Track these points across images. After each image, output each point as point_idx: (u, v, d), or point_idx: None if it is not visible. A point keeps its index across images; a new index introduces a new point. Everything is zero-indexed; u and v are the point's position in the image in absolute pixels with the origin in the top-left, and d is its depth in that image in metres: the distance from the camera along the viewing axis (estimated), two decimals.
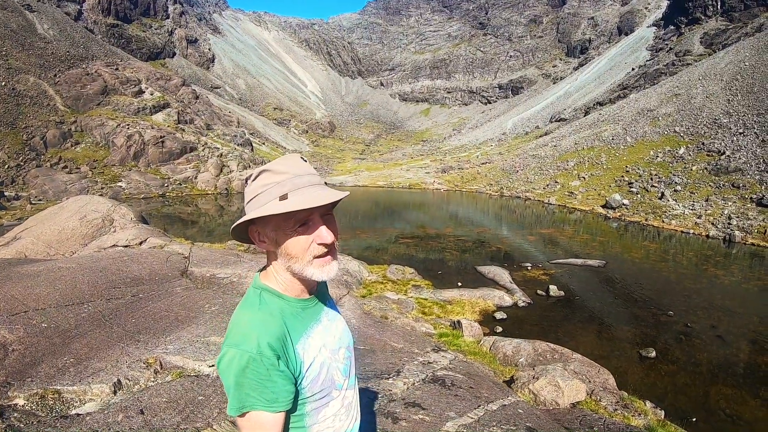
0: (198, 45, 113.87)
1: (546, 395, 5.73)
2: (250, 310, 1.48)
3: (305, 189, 1.48)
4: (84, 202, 15.44)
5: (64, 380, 4.85)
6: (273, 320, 1.45)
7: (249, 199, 1.51)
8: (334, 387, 1.61)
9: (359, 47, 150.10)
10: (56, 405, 4.41)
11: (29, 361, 5.29)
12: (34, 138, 46.34)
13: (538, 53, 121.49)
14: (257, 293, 1.52)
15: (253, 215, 1.46)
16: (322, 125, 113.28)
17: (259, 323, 1.43)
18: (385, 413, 4.30)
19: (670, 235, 28.18)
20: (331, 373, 1.59)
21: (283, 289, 1.54)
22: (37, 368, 5.13)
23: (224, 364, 1.39)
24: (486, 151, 75.55)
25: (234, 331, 1.42)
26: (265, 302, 1.50)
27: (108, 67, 64.30)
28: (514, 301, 15.05)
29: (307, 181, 1.51)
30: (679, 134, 42.48)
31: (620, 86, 76.22)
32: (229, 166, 54.94)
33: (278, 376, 1.39)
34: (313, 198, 1.46)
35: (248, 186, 1.52)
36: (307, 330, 1.55)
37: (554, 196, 42.48)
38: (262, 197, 1.47)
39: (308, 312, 1.59)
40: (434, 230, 30.38)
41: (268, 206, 1.44)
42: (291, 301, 1.54)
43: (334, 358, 1.62)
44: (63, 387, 4.68)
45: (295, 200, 1.44)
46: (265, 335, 1.40)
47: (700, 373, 10.43)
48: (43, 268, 8.36)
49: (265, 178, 1.50)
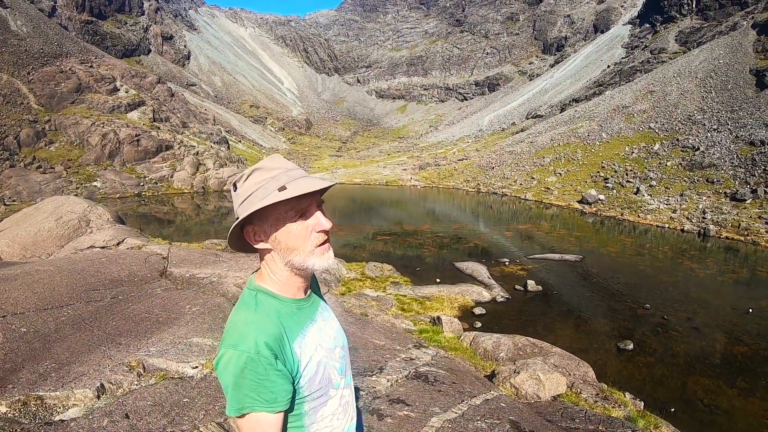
0: (173, 42, 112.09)
1: (527, 389, 5.86)
2: (246, 311, 1.49)
3: (300, 180, 1.51)
4: (60, 203, 15.17)
5: (47, 386, 4.79)
6: (269, 320, 1.47)
7: (243, 198, 1.51)
8: (332, 386, 1.62)
9: (336, 44, 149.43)
10: (39, 411, 4.36)
11: (9, 367, 5.21)
12: (7, 137, 45.15)
13: (514, 50, 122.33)
14: (253, 294, 1.53)
15: (257, 206, 1.46)
16: (299, 122, 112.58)
17: (256, 323, 1.44)
18: (370, 410, 4.36)
19: (646, 229, 28.73)
20: (327, 372, 1.60)
21: (278, 290, 1.56)
22: (18, 374, 5.06)
23: (222, 365, 1.40)
24: (463, 147, 75.86)
25: (231, 332, 1.43)
26: (261, 303, 1.51)
27: (82, 64, 62.95)
28: (492, 297, 15.23)
29: (298, 173, 1.54)
30: (654, 130, 43.30)
31: (596, 83, 77.16)
32: (206, 164, 54.35)
33: (277, 375, 1.41)
34: (311, 184, 1.49)
35: (240, 187, 1.53)
36: (303, 329, 1.56)
37: (531, 192, 42.90)
38: (259, 193, 1.48)
39: (303, 311, 1.60)
40: (412, 227, 30.48)
41: (270, 197, 1.45)
42: (286, 301, 1.55)
43: (330, 357, 1.63)
44: (45, 393, 4.63)
45: (295, 189, 1.46)
46: (263, 335, 1.41)
47: (678, 365, 10.70)
48: (20, 271, 8.21)
49: (257, 175, 1.52)
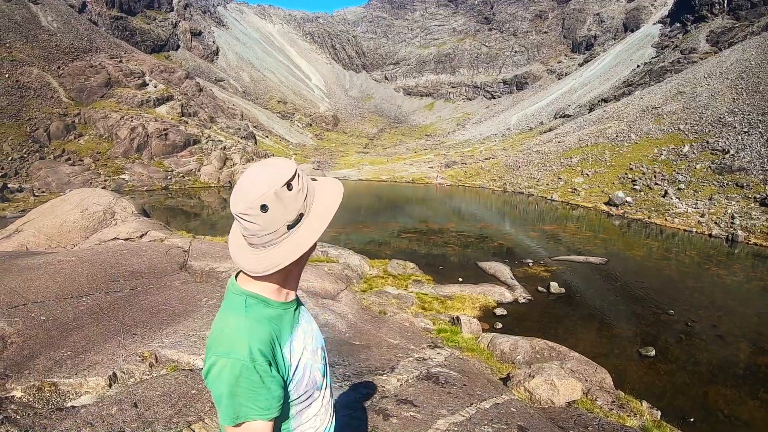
0: (202, 38, 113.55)
1: (541, 394, 5.74)
2: (236, 317, 1.42)
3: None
4: (85, 195, 15.47)
5: (61, 373, 4.87)
6: (261, 326, 1.41)
7: (306, 213, 1.46)
8: (316, 387, 1.61)
9: (364, 41, 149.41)
10: (53, 397, 4.42)
11: (27, 353, 5.32)
12: (37, 130, 46.38)
13: (543, 49, 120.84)
14: (242, 299, 1.46)
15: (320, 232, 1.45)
16: (326, 119, 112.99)
17: (248, 330, 1.38)
18: (376, 410, 4.31)
19: (673, 233, 28.09)
20: (313, 374, 1.58)
21: (268, 294, 1.49)
22: (35, 361, 5.16)
23: (214, 375, 1.34)
24: (490, 146, 75.22)
25: (221, 340, 1.38)
26: (251, 308, 1.44)
27: (112, 59, 64.31)
28: (514, 298, 15.05)
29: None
30: (684, 132, 42.26)
31: (625, 83, 75.77)
32: (232, 159, 54.98)
33: (271, 382, 1.37)
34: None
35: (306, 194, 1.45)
36: (291, 333, 1.53)
37: (557, 192, 42.32)
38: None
39: (289, 315, 1.56)
40: (437, 225, 30.36)
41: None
42: (275, 305, 1.50)
43: (314, 358, 1.62)
44: (60, 379, 4.70)
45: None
46: (256, 342, 1.36)
47: (699, 373, 10.40)
48: (43, 261, 8.39)
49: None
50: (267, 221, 1.36)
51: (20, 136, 44.50)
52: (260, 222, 1.36)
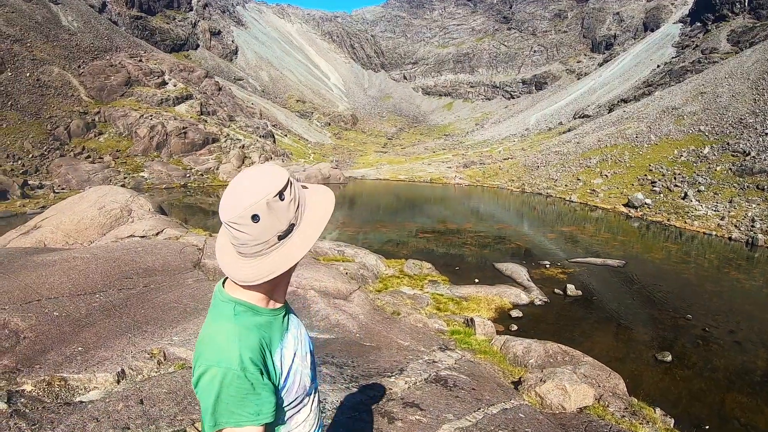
0: (221, 37, 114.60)
1: (552, 399, 5.64)
2: (225, 325, 1.40)
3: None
4: (103, 193, 15.67)
5: (71, 368, 4.91)
6: (250, 333, 1.39)
7: (299, 222, 1.44)
8: (306, 393, 1.60)
9: (382, 40, 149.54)
10: (62, 392, 4.47)
11: (39, 348, 5.38)
12: (58, 128, 47.19)
13: (562, 48, 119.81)
14: (230, 306, 1.44)
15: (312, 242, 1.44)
16: (345, 118, 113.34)
17: (238, 337, 1.36)
18: (382, 413, 4.27)
19: (692, 236, 27.63)
20: (303, 379, 1.57)
21: (257, 300, 1.47)
22: (46, 355, 5.21)
23: (205, 383, 1.32)
24: (508, 146, 74.80)
25: (211, 348, 1.36)
26: (240, 315, 1.42)
27: (132, 58, 65.19)
28: (530, 300, 14.91)
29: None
30: (704, 133, 41.52)
31: (645, 83, 74.83)
32: (251, 157, 55.40)
33: (263, 389, 1.36)
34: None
35: (295, 202, 1.42)
36: (282, 340, 1.52)
37: (576, 193, 41.91)
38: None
39: (278, 322, 1.54)
40: (454, 225, 30.25)
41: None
42: (264, 313, 1.48)
43: (303, 364, 1.60)
44: (69, 374, 4.74)
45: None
46: (246, 349, 1.35)
47: (716, 380, 10.18)
48: (58, 257, 8.49)
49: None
50: (258, 231, 1.34)
51: (41, 133, 45.29)
52: (250, 232, 1.34)
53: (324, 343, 6.59)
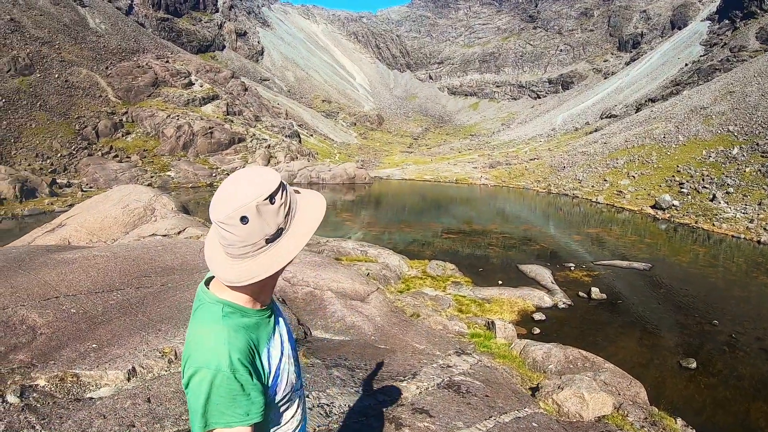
0: (247, 38, 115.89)
1: (570, 407, 5.47)
2: (214, 326, 1.40)
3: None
4: (127, 192, 15.92)
5: (84, 364, 4.94)
6: (239, 335, 1.40)
7: (288, 227, 1.45)
8: (293, 390, 1.64)
9: (408, 40, 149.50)
10: (73, 388, 4.50)
11: (55, 344, 5.42)
12: (86, 128, 48.25)
13: (588, 47, 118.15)
14: (218, 308, 1.44)
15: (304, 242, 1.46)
16: (371, 118, 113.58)
17: (227, 339, 1.37)
18: (390, 418, 4.18)
19: (720, 239, 26.95)
20: (290, 377, 1.61)
21: (245, 302, 1.48)
22: (61, 351, 5.25)
23: (194, 385, 1.34)
24: (534, 146, 74.05)
25: (200, 350, 1.37)
26: (228, 317, 1.43)
27: (158, 59, 66.33)
28: (554, 303, 14.69)
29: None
30: (733, 134, 40.44)
31: (673, 82, 73.33)
32: (277, 157, 55.87)
33: (252, 389, 1.38)
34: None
35: (286, 206, 1.43)
36: (269, 340, 1.53)
37: (602, 194, 41.28)
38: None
39: (265, 321, 1.55)
40: (479, 226, 30.07)
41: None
42: (251, 314, 1.49)
43: (289, 362, 1.63)
44: (82, 371, 4.78)
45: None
46: (235, 351, 1.36)
47: (742, 388, 9.85)
48: (79, 255, 8.61)
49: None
50: (245, 233, 1.35)
51: (69, 133, 46.37)
52: (238, 233, 1.35)
53: (338, 345, 6.53)
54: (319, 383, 4.74)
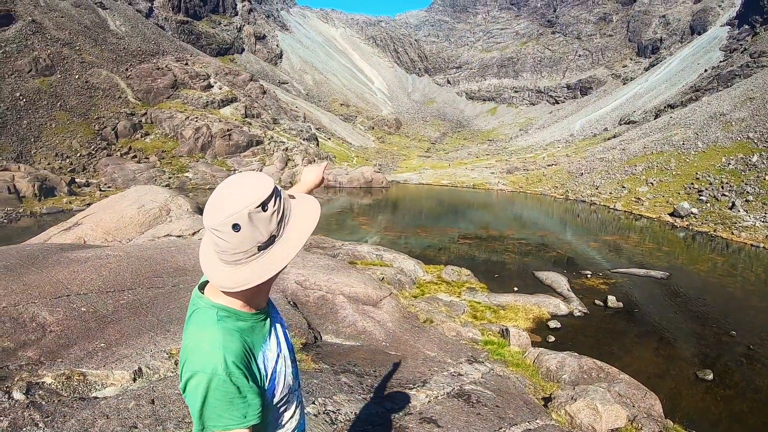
0: (266, 41, 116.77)
1: (583, 419, 5.32)
2: (209, 330, 1.40)
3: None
4: (143, 192, 16.03)
5: (91, 363, 4.93)
6: (234, 338, 1.40)
7: (281, 233, 1.44)
8: (291, 391, 1.65)
9: (426, 44, 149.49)
10: (79, 386, 4.50)
11: (64, 342, 5.42)
12: (105, 128, 48.96)
13: (607, 52, 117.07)
14: (213, 312, 1.44)
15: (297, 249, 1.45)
16: (388, 122, 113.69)
17: (222, 343, 1.37)
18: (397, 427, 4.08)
19: (739, 247, 26.48)
20: (287, 379, 1.61)
21: (239, 306, 1.48)
22: (69, 350, 5.24)
23: (191, 389, 1.34)
24: (552, 152, 73.57)
25: (196, 354, 1.37)
26: (223, 321, 1.43)
27: (178, 62, 67.04)
28: (569, 310, 14.50)
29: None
30: (753, 141, 39.72)
31: (692, 88, 72.37)
32: (294, 159, 56.14)
33: (248, 392, 1.37)
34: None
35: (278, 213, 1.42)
36: (265, 343, 1.53)
37: (620, 201, 40.83)
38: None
39: (261, 324, 1.55)
40: (496, 232, 29.91)
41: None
42: (246, 317, 1.49)
43: (286, 364, 1.63)
44: (89, 370, 4.77)
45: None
46: (231, 354, 1.36)
47: (759, 401, 9.60)
48: (92, 254, 8.63)
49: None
50: (237, 241, 1.34)
51: (89, 133, 47.07)
52: (230, 240, 1.34)
53: (348, 351, 6.45)
54: (327, 389, 4.67)
